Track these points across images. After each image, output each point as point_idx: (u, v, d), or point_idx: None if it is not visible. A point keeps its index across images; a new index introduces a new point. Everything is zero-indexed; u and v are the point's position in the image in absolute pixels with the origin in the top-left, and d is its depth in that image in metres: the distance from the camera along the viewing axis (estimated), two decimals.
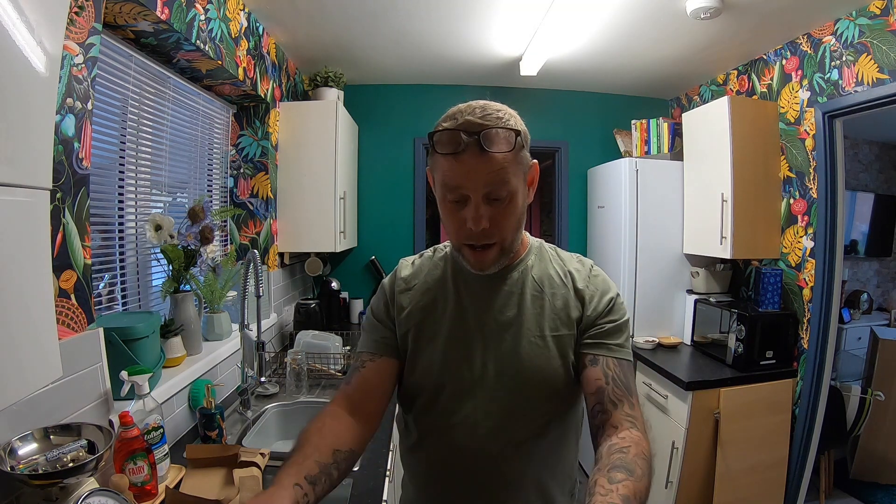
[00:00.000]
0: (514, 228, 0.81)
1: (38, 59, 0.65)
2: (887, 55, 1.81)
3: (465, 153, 0.73)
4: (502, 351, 0.83)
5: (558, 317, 0.84)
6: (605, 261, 2.86)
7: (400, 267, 0.96)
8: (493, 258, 0.81)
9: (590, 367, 0.81)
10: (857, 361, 3.11)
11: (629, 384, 0.79)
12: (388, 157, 3.14)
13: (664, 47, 2.39)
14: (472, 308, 0.86)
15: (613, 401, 0.76)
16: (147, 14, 1.32)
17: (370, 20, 2.14)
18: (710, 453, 2.13)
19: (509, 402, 0.82)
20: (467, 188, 0.75)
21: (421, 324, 0.88)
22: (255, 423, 1.60)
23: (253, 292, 1.60)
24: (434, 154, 0.77)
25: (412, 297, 0.90)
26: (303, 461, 0.68)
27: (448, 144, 0.74)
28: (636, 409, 0.76)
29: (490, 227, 0.77)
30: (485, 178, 0.74)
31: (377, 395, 0.85)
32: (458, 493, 0.86)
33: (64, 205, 1.00)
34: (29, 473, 0.82)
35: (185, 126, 1.90)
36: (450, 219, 0.80)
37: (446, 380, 0.85)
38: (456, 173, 0.75)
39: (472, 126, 0.73)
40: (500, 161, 0.74)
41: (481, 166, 0.73)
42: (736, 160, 2.27)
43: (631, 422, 0.73)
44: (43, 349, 0.68)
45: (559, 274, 0.88)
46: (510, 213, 0.78)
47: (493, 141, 0.73)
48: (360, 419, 0.81)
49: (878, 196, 3.71)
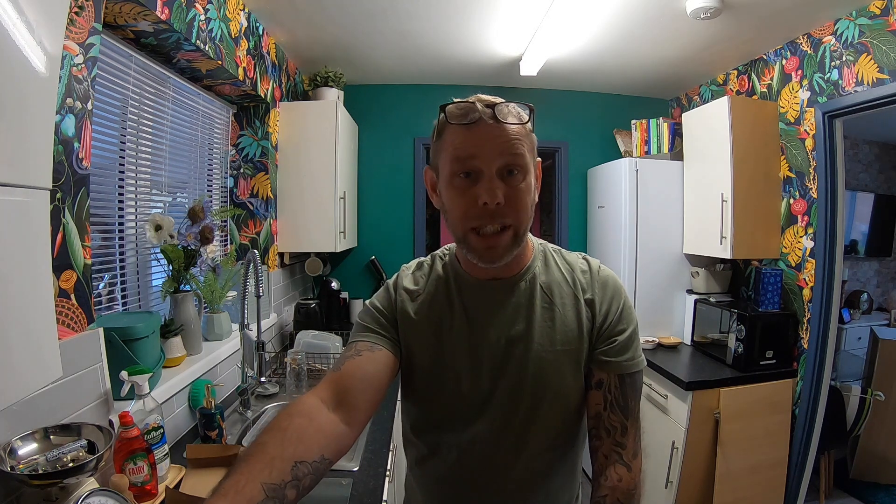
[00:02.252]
0: (527, 211, 0.75)
1: (37, 59, 0.65)
2: (887, 55, 1.81)
3: (479, 123, 0.71)
4: (513, 367, 0.79)
5: (569, 328, 0.80)
6: (606, 261, 2.80)
7: (402, 276, 0.90)
8: (505, 244, 0.74)
9: (594, 391, 0.79)
10: (857, 361, 3.11)
11: (628, 405, 0.77)
12: (388, 157, 3.14)
13: (664, 47, 2.39)
14: (479, 323, 0.81)
15: (608, 428, 0.76)
16: (147, 14, 1.32)
17: (370, 20, 2.14)
18: (710, 453, 2.13)
19: (521, 419, 0.80)
20: (481, 159, 0.71)
21: (428, 340, 0.83)
22: (255, 423, 1.60)
23: (253, 292, 1.60)
24: (445, 128, 0.74)
25: (417, 310, 0.84)
26: (245, 483, 0.52)
27: (462, 114, 0.72)
28: (628, 433, 0.76)
29: (504, 206, 0.71)
30: (500, 147, 0.71)
31: (371, 387, 0.74)
32: (468, 501, 0.85)
33: (64, 205, 1.00)
34: (29, 473, 0.82)
35: (185, 126, 1.90)
36: (458, 199, 0.74)
37: (455, 398, 0.81)
38: (469, 143, 0.71)
39: (486, 101, 0.72)
40: (514, 132, 0.72)
41: (496, 136, 0.71)
42: (736, 160, 2.27)
43: (618, 454, 0.75)
44: (43, 349, 0.68)
45: (567, 281, 0.83)
46: (525, 192, 0.74)
47: (507, 112, 0.72)
48: (345, 413, 0.69)
49: (878, 196, 3.71)
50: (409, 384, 0.86)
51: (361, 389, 0.73)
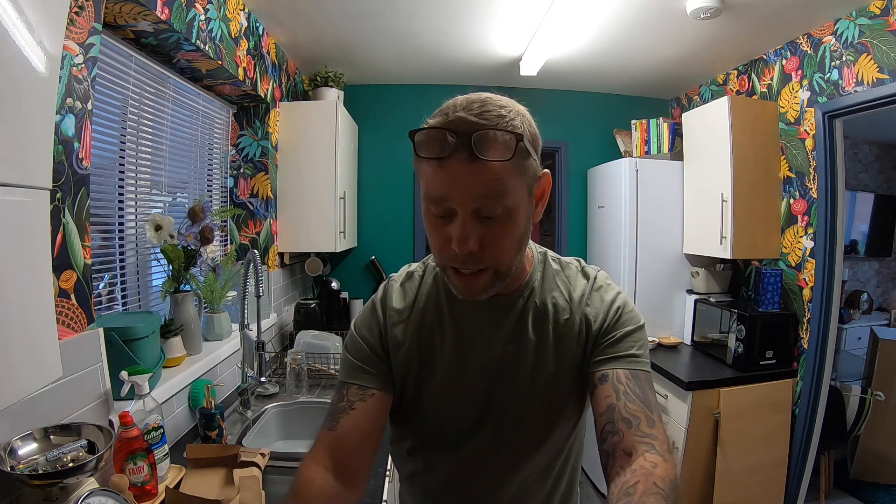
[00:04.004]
0: (511, 252, 0.66)
1: (37, 58, 0.65)
2: (887, 55, 1.81)
3: (451, 159, 0.59)
4: (508, 388, 0.75)
5: (566, 347, 0.75)
6: (605, 261, 2.86)
7: (390, 292, 0.82)
8: (482, 285, 0.67)
9: (599, 386, 0.69)
10: (857, 361, 3.11)
11: (647, 397, 0.66)
12: (388, 157, 3.14)
13: (664, 47, 2.39)
14: (472, 342, 0.76)
15: (627, 418, 0.62)
16: (147, 14, 1.32)
17: (370, 20, 2.14)
18: (710, 453, 2.13)
19: (517, 440, 0.76)
20: (453, 201, 0.61)
21: (419, 362, 0.78)
22: (255, 423, 1.60)
23: (253, 292, 1.60)
24: (416, 158, 0.63)
25: (407, 332, 0.78)
26: None
27: (431, 146, 0.60)
28: (657, 426, 0.62)
29: (479, 251, 0.63)
30: (474, 191, 0.60)
31: (367, 447, 0.73)
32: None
33: (64, 205, 1.00)
34: (29, 473, 0.82)
35: (185, 126, 1.90)
36: (433, 235, 0.66)
37: (447, 420, 0.78)
38: (440, 182, 0.61)
39: (464, 125, 0.59)
40: (495, 170, 0.59)
41: (471, 176, 0.59)
42: (736, 160, 2.27)
43: (648, 444, 0.59)
44: (43, 349, 0.68)
45: (564, 297, 0.77)
46: (506, 233, 0.64)
47: (487, 145, 0.58)
48: (346, 481, 0.69)
49: (878, 196, 3.71)
50: (399, 406, 0.81)
51: (358, 453, 0.72)
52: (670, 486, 0.54)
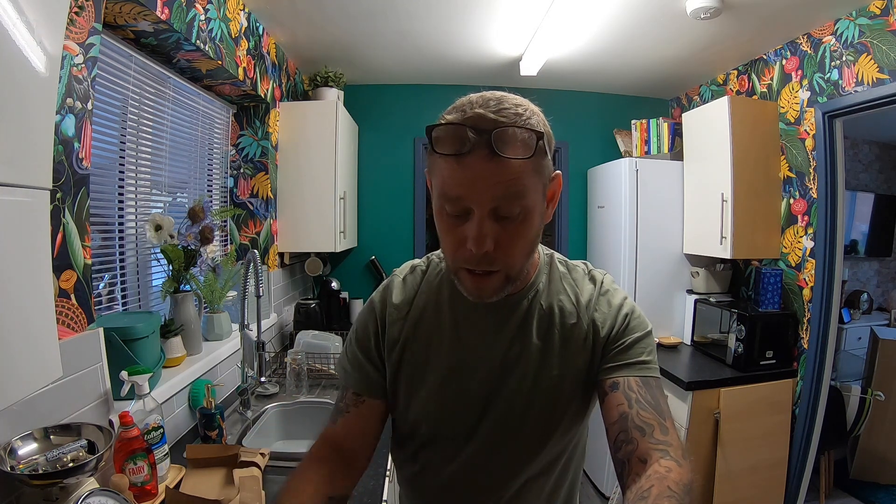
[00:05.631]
0: (523, 254, 0.66)
1: (37, 59, 0.65)
2: (887, 55, 1.81)
3: (470, 155, 0.58)
4: (507, 393, 0.74)
5: (572, 352, 0.74)
6: (606, 261, 2.86)
7: (391, 287, 0.82)
8: (494, 287, 0.66)
9: (610, 394, 0.68)
10: (857, 361, 3.11)
11: (659, 404, 0.66)
12: (388, 157, 3.14)
13: (664, 47, 2.39)
14: (472, 344, 0.75)
15: (640, 426, 0.62)
16: (147, 14, 1.32)
17: (370, 20, 2.14)
18: (710, 453, 2.13)
19: (518, 443, 0.75)
20: (471, 200, 0.60)
21: (414, 361, 0.77)
22: (255, 423, 1.60)
23: (253, 292, 1.60)
24: (432, 154, 0.62)
25: (405, 329, 0.78)
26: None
27: (450, 143, 0.59)
28: (670, 432, 0.62)
29: (494, 251, 0.62)
30: (494, 190, 0.58)
31: (364, 440, 0.77)
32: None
33: (64, 205, 1.00)
34: (29, 473, 0.82)
35: (185, 126, 1.90)
36: (447, 235, 0.65)
37: (443, 424, 0.77)
38: (458, 181, 0.59)
39: (483, 122, 0.58)
40: (514, 169, 0.58)
41: (491, 174, 0.58)
42: (736, 160, 2.27)
43: (662, 450, 0.59)
44: (43, 349, 0.68)
45: (571, 300, 0.76)
46: (522, 234, 0.63)
47: (507, 143, 0.57)
48: (347, 462, 0.74)
49: (878, 196, 3.71)
50: (396, 407, 0.81)
51: (358, 446, 0.77)
52: (684, 489, 0.55)
